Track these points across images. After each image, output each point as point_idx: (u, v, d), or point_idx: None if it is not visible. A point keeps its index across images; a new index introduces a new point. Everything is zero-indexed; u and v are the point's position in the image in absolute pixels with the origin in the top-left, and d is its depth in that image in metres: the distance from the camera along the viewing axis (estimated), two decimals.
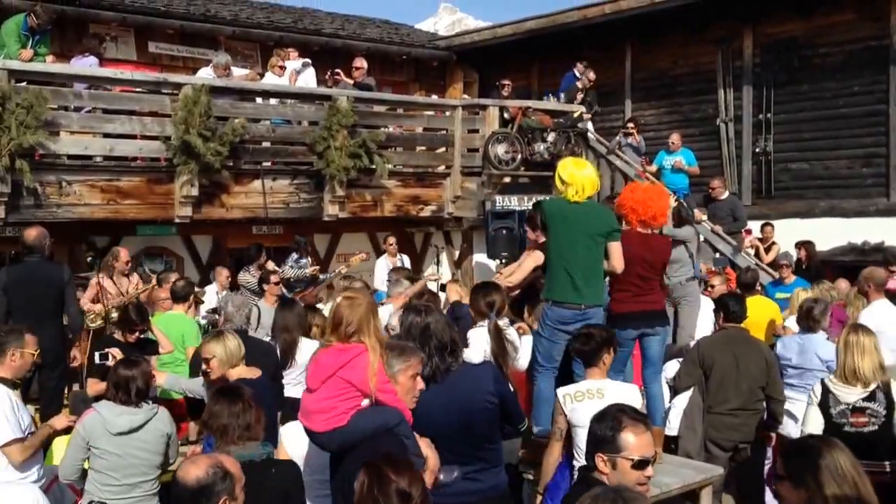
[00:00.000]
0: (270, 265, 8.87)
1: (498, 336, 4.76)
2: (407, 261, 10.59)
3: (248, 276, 8.60)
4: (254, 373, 4.57)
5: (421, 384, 3.46)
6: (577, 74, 12.33)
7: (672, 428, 5.80)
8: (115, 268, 7.70)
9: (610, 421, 2.91)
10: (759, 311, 7.32)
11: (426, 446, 3.39)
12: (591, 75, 12.30)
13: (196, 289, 7.88)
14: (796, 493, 2.61)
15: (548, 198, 5.71)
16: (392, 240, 10.48)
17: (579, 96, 12.08)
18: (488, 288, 5.23)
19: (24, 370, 4.45)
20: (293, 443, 3.96)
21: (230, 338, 4.62)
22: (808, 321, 6.05)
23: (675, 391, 5.96)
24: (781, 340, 6.40)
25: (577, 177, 5.12)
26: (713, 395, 5.56)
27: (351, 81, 10.71)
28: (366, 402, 3.32)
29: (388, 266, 10.00)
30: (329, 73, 10.82)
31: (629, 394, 4.48)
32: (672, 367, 6.15)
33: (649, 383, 5.31)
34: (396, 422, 3.30)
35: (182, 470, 2.75)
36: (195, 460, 2.78)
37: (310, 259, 9.88)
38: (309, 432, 3.39)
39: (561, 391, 4.49)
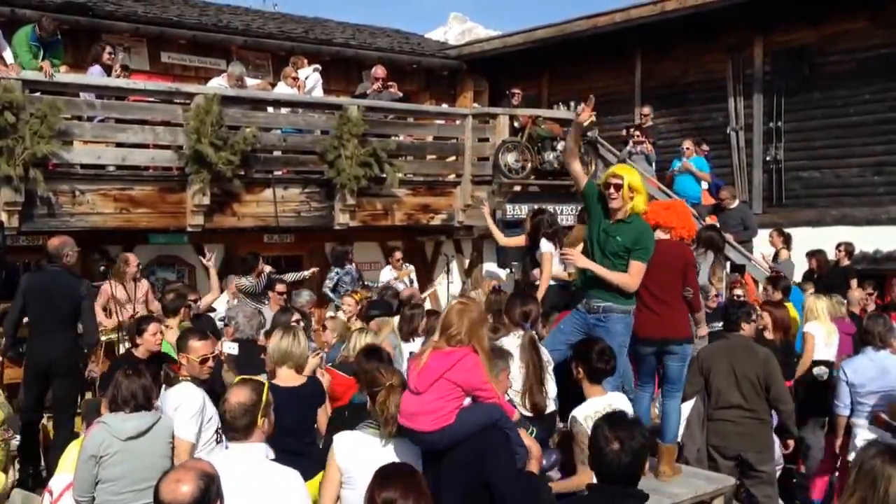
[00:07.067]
0: (267, 269, 8.77)
1: (534, 349, 4.68)
2: (412, 271, 10.61)
3: (246, 282, 8.61)
4: (297, 380, 4.72)
5: (509, 383, 3.80)
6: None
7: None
8: (126, 273, 7.76)
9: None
10: None
11: (527, 438, 3.67)
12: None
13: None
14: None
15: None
16: (398, 255, 10.53)
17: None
18: (525, 297, 5.19)
19: (195, 372, 4.62)
20: (345, 455, 3.70)
21: (287, 338, 4.77)
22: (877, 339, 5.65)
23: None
24: (849, 364, 5.70)
25: (645, 188, 5.12)
26: (713, 402, 5.54)
27: (400, 94, 11.08)
28: (468, 401, 3.60)
29: (393, 276, 10.07)
30: (377, 81, 10.90)
31: (626, 403, 4.54)
32: None
33: (664, 399, 5.26)
34: (499, 416, 3.60)
35: (171, 492, 2.60)
36: (179, 477, 2.65)
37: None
38: (414, 433, 3.57)
39: (581, 413, 4.40)
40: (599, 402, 4.43)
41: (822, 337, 6.93)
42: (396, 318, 6.84)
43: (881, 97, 10.63)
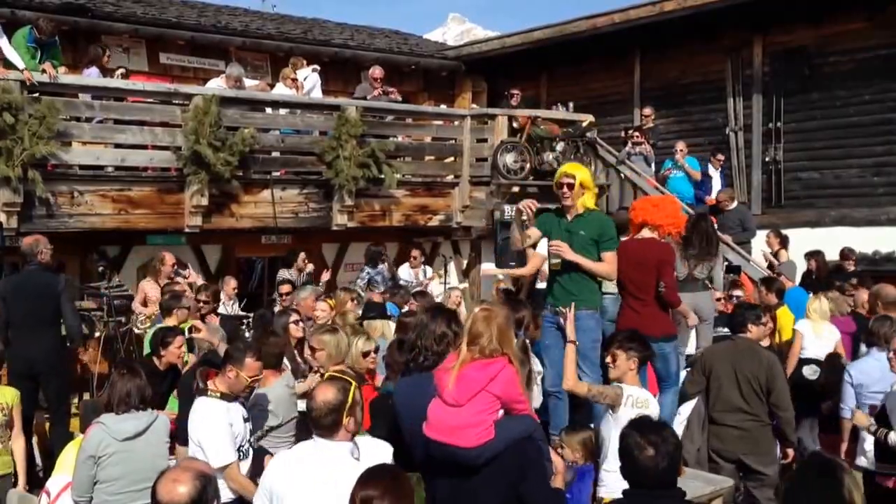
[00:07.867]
0: (310, 267, 9.46)
1: (524, 356, 4.63)
2: (429, 271, 10.62)
3: (286, 275, 9.13)
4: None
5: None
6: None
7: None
8: (161, 272, 7.87)
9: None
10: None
11: (552, 452, 3.64)
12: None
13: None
14: None
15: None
16: (415, 252, 10.52)
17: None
18: (516, 304, 5.18)
19: (238, 389, 4.41)
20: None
21: (343, 335, 4.82)
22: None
23: (682, 398, 5.87)
24: (855, 367, 5.80)
25: (594, 184, 5.21)
26: (713, 404, 5.51)
27: (400, 98, 11.11)
28: (501, 412, 3.48)
29: (411, 275, 10.07)
30: (377, 83, 10.90)
31: (655, 401, 4.55)
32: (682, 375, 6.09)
33: (661, 394, 5.30)
34: (534, 428, 3.55)
35: (168, 492, 2.61)
36: (176, 477, 2.66)
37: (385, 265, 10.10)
38: (446, 448, 3.40)
39: (629, 390, 4.44)
40: (642, 394, 4.47)
41: (809, 335, 6.92)
42: (391, 323, 6.84)
43: (880, 98, 10.62)
